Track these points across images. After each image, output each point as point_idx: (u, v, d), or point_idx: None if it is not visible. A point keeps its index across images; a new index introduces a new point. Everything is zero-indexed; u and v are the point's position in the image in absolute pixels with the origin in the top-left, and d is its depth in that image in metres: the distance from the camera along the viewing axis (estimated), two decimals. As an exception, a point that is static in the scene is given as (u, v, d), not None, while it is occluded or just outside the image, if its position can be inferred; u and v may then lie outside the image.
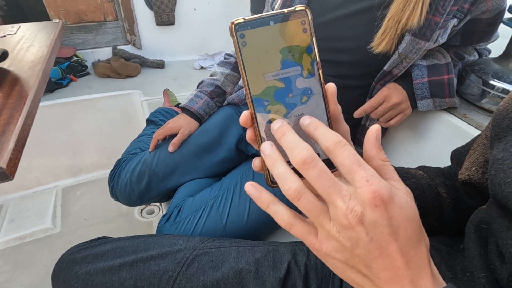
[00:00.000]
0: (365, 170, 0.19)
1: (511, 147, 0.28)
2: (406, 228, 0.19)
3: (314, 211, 0.20)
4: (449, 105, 0.61)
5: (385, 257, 0.19)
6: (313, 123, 0.21)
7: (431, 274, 0.20)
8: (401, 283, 0.19)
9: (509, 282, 0.26)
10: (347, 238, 0.19)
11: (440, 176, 0.43)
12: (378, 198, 0.18)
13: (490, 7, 0.54)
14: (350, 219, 0.18)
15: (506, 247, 0.27)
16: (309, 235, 0.21)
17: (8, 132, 0.36)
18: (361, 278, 0.20)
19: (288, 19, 0.21)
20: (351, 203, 0.19)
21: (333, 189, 0.19)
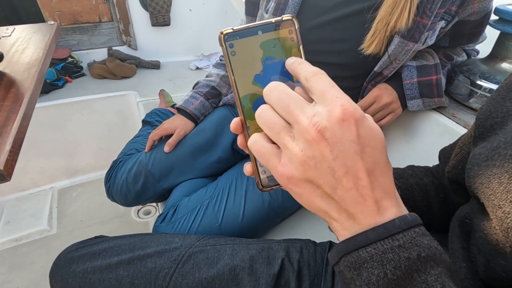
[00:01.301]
0: (337, 90, 0.18)
1: (489, 144, 0.29)
2: (373, 147, 0.18)
3: (274, 127, 0.19)
4: (438, 104, 0.62)
5: (350, 176, 0.18)
6: (297, 60, 0.21)
7: (395, 198, 0.19)
8: (365, 203, 0.18)
9: (484, 272, 0.27)
10: (310, 157, 0.18)
11: (428, 175, 0.44)
12: (346, 112, 0.17)
13: (477, 9, 0.56)
14: (312, 133, 0.17)
15: (479, 239, 0.28)
16: (271, 156, 0.20)
17: (5, 134, 0.37)
18: (327, 202, 0.19)
19: (275, 29, 0.22)
20: (314, 118, 0.18)
21: (294, 106, 0.18)
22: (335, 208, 0.19)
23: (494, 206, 0.24)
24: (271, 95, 0.20)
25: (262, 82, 0.22)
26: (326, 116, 0.17)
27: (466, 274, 0.29)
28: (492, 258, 0.26)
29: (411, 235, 0.18)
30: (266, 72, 0.22)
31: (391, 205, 0.19)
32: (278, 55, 0.22)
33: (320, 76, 0.19)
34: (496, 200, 0.24)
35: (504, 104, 0.31)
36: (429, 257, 0.18)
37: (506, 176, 0.24)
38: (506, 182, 0.24)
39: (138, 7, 1.57)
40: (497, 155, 0.25)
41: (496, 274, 0.25)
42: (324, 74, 0.20)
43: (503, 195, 0.23)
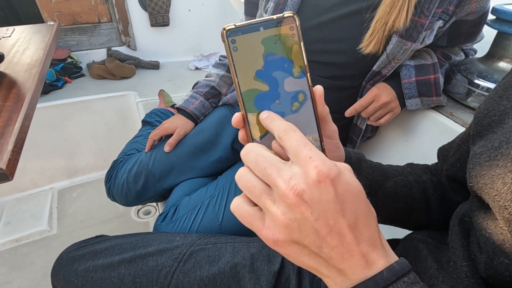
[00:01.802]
0: (310, 149, 0.19)
1: (489, 143, 0.29)
2: (352, 203, 0.19)
3: (254, 191, 0.19)
4: (436, 103, 0.63)
5: (334, 234, 0.18)
6: (270, 116, 0.22)
7: (381, 248, 0.20)
8: (353, 259, 0.19)
9: (486, 270, 0.27)
10: (293, 219, 0.18)
11: (427, 173, 0.44)
12: (321, 173, 0.18)
13: (474, 9, 0.57)
14: (291, 197, 0.18)
15: (481, 237, 0.28)
16: (255, 220, 0.20)
17: (7, 134, 0.37)
18: (315, 261, 0.19)
19: (276, 25, 0.22)
20: (291, 182, 0.18)
21: (271, 170, 0.19)
22: (324, 265, 0.19)
23: (500, 207, 0.24)
24: (248, 158, 0.20)
25: (263, 77, 0.23)
26: (303, 178, 0.18)
27: (467, 272, 0.29)
28: (496, 257, 0.26)
29: (400, 286, 0.18)
30: (268, 67, 0.23)
31: (378, 257, 0.19)
32: (279, 51, 0.23)
33: (292, 134, 0.20)
34: (502, 201, 0.24)
35: (501, 102, 0.31)
36: None
37: (510, 176, 0.24)
38: (510, 182, 0.24)
39: (137, 7, 1.57)
40: (500, 155, 0.26)
41: (499, 272, 0.26)
42: (296, 131, 0.20)
43: (508, 195, 0.24)
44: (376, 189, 0.40)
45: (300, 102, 0.24)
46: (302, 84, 0.23)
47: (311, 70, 0.24)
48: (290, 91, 0.23)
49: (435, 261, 0.34)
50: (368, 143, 0.82)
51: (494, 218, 0.27)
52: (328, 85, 0.62)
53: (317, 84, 0.24)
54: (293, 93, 0.23)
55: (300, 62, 0.23)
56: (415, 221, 0.43)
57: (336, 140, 0.31)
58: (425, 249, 0.36)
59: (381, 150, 0.78)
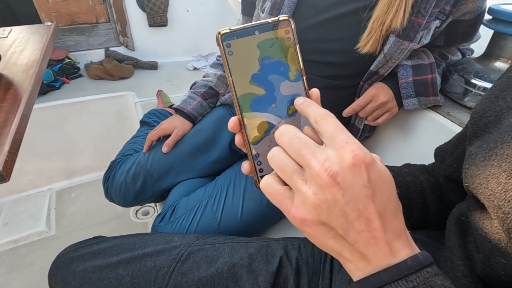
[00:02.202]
0: (346, 135, 0.19)
1: (485, 143, 0.29)
2: (383, 191, 0.19)
3: (286, 170, 0.20)
4: (433, 103, 0.63)
5: (363, 219, 0.18)
6: (306, 101, 0.22)
7: (407, 238, 0.20)
8: (378, 245, 0.19)
9: (482, 270, 0.27)
10: (323, 200, 0.18)
11: (424, 173, 0.44)
12: (357, 158, 0.18)
13: (470, 9, 0.57)
14: (325, 178, 0.18)
15: (478, 237, 0.28)
16: (284, 198, 0.20)
17: (3, 135, 0.37)
18: (339, 244, 0.20)
19: (272, 29, 0.22)
20: (326, 163, 0.18)
21: (306, 151, 0.19)
22: (348, 249, 0.20)
23: (494, 206, 0.24)
24: (282, 139, 0.20)
25: (259, 81, 0.23)
26: (337, 161, 0.18)
27: (464, 271, 0.29)
28: (493, 256, 0.26)
29: (424, 275, 0.18)
30: (263, 71, 0.23)
31: (403, 246, 0.19)
32: (275, 55, 0.23)
33: (329, 119, 0.20)
34: (496, 200, 0.24)
35: (497, 103, 0.31)
36: None
37: (504, 175, 0.24)
38: (504, 182, 0.24)
39: (135, 7, 1.57)
40: (494, 155, 0.26)
41: (495, 271, 0.26)
42: (332, 117, 0.20)
43: (502, 195, 0.24)
44: None
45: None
46: (298, 87, 0.23)
47: (308, 70, 0.24)
48: (286, 95, 0.23)
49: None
50: (365, 143, 0.83)
51: (490, 218, 0.27)
52: (326, 84, 0.62)
53: (314, 83, 0.25)
54: (289, 96, 0.23)
55: (296, 65, 0.23)
56: (413, 221, 0.43)
57: None
58: (423, 249, 0.36)
59: (378, 150, 0.79)
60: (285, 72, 0.23)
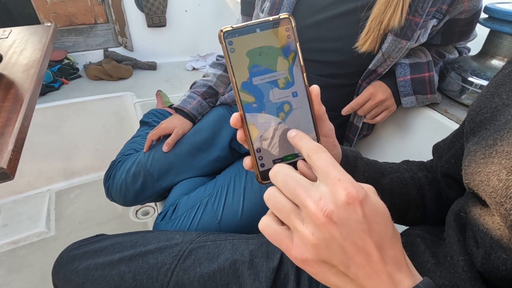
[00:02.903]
0: (338, 171, 0.19)
1: (483, 140, 0.30)
2: (379, 224, 0.19)
3: (283, 210, 0.20)
4: (431, 101, 0.64)
5: (362, 254, 0.19)
6: (299, 135, 0.23)
7: (406, 268, 0.20)
8: (379, 278, 0.19)
9: (483, 265, 0.28)
10: (321, 239, 0.19)
11: (422, 169, 0.45)
12: (350, 195, 0.18)
13: (467, 8, 0.58)
14: (321, 218, 0.18)
15: (478, 233, 0.29)
16: (283, 238, 0.21)
17: (7, 134, 0.37)
18: (342, 280, 0.20)
19: (273, 27, 0.23)
20: (321, 202, 0.19)
21: (301, 190, 0.19)
22: (351, 284, 0.20)
23: (496, 203, 0.25)
24: (277, 178, 0.21)
25: (262, 78, 0.23)
26: (332, 199, 0.19)
27: (464, 266, 0.29)
28: (494, 252, 0.26)
29: None
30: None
31: (404, 277, 0.19)
32: (265, 62, 0.23)
33: (321, 154, 0.20)
34: (498, 197, 0.25)
35: (493, 100, 0.32)
36: None
37: (504, 172, 0.25)
38: (505, 179, 0.24)
39: (134, 8, 1.57)
40: (495, 152, 0.26)
41: (496, 266, 0.26)
42: (324, 152, 0.21)
43: (503, 191, 0.24)
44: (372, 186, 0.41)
45: (298, 99, 0.24)
46: (297, 84, 0.24)
47: (307, 69, 0.24)
48: (285, 88, 0.24)
49: (432, 256, 0.34)
50: (364, 140, 0.83)
51: (491, 214, 0.28)
52: (325, 83, 0.63)
53: (313, 82, 0.25)
54: (289, 90, 0.24)
55: (286, 69, 0.24)
56: (411, 217, 0.43)
57: (333, 139, 0.31)
58: (422, 244, 0.36)
59: (377, 148, 0.79)
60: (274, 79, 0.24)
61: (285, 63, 0.24)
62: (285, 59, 0.24)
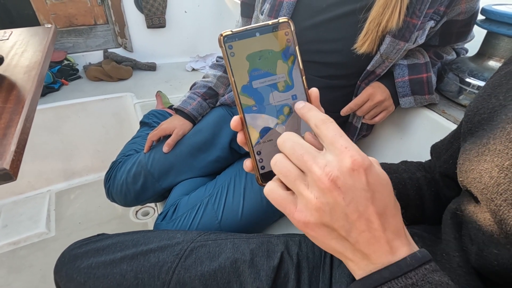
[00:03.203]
0: (346, 140, 0.20)
1: (478, 140, 0.30)
2: (382, 192, 0.20)
3: (289, 175, 0.21)
4: (429, 101, 0.64)
5: (363, 220, 0.19)
6: (307, 106, 0.23)
7: (405, 237, 0.21)
8: (378, 244, 0.20)
9: (476, 260, 0.29)
10: (325, 203, 0.19)
11: (421, 169, 0.45)
12: (356, 162, 0.19)
13: (464, 9, 0.58)
14: (326, 182, 0.19)
15: (472, 229, 0.30)
16: (288, 203, 0.21)
17: (9, 135, 0.38)
18: (341, 244, 0.21)
19: (272, 31, 0.23)
20: (326, 168, 0.19)
21: (307, 156, 0.20)
22: (349, 249, 0.20)
23: (487, 200, 0.26)
24: (285, 145, 0.21)
25: (262, 82, 0.24)
26: (337, 165, 0.19)
27: (459, 262, 0.30)
28: (486, 247, 0.27)
29: (422, 272, 0.19)
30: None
31: (402, 244, 0.20)
32: (265, 66, 0.24)
33: (329, 124, 0.21)
34: (489, 194, 0.25)
35: (490, 100, 0.32)
36: None
37: (496, 170, 0.25)
38: (496, 176, 0.25)
39: (133, 9, 1.58)
40: (487, 150, 0.27)
41: (488, 262, 0.27)
42: (332, 122, 0.21)
43: (494, 188, 0.25)
44: None
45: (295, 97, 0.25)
46: (296, 86, 0.24)
47: (307, 70, 0.25)
48: (285, 91, 0.24)
49: (430, 254, 0.35)
50: (363, 141, 0.84)
51: (483, 211, 0.28)
52: (324, 84, 0.63)
53: (313, 83, 0.25)
54: (288, 92, 0.24)
55: (286, 72, 0.24)
56: (410, 216, 0.44)
57: None
58: (420, 243, 0.37)
59: (376, 148, 0.80)
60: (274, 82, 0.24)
61: (284, 66, 0.24)
62: (285, 63, 0.24)
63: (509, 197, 0.24)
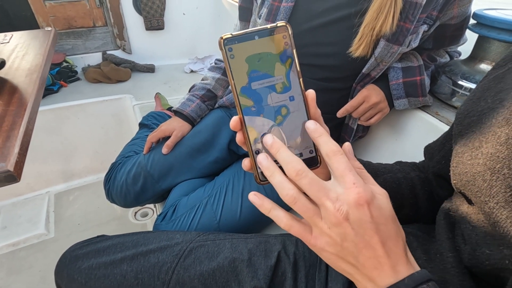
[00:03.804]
0: (354, 175, 0.23)
1: (470, 142, 0.31)
2: (385, 224, 0.22)
3: (308, 212, 0.24)
4: (423, 103, 0.66)
5: (369, 248, 0.22)
6: (318, 130, 0.24)
7: (407, 261, 0.23)
8: (383, 269, 0.22)
9: (469, 260, 0.30)
10: (336, 233, 0.23)
11: (415, 170, 0.46)
12: (362, 198, 0.22)
13: (456, 14, 0.60)
14: (338, 217, 0.22)
15: (466, 230, 0.31)
16: (305, 233, 0.25)
17: (13, 138, 0.39)
18: (350, 267, 0.24)
19: (270, 34, 0.24)
20: (337, 204, 0.22)
21: (322, 193, 0.23)
22: (357, 272, 0.24)
23: (481, 202, 0.27)
24: (302, 182, 0.23)
25: (261, 83, 0.25)
26: (346, 201, 0.22)
27: (452, 263, 0.31)
28: (479, 248, 0.28)
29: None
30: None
31: (403, 269, 0.23)
32: (263, 68, 0.25)
33: (340, 157, 0.23)
34: (483, 196, 0.26)
35: (479, 104, 0.33)
36: None
37: (488, 173, 0.26)
38: (489, 179, 0.26)
39: (132, 11, 1.59)
40: (480, 154, 0.28)
41: (480, 261, 0.28)
42: (342, 154, 0.23)
43: (488, 191, 0.26)
44: None
45: (295, 103, 0.26)
46: (293, 88, 0.25)
47: (304, 73, 0.25)
48: (283, 92, 0.25)
49: (424, 253, 0.36)
50: (360, 142, 0.85)
51: (476, 212, 0.30)
52: (321, 87, 0.65)
53: (309, 86, 0.26)
54: (286, 94, 0.25)
55: (284, 74, 0.25)
56: (404, 215, 0.45)
57: None
58: (415, 242, 0.38)
59: (372, 149, 0.81)
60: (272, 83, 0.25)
61: (282, 68, 0.25)
62: (282, 65, 0.25)
63: (501, 199, 0.25)
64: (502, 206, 0.25)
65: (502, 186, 0.25)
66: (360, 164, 0.27)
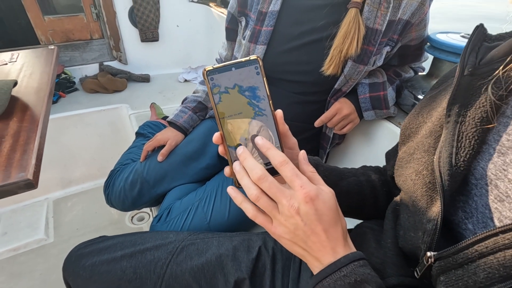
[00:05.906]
0: (300, 179, 0.29)
1: (407, 149, 0.39)
2: (327, 215, 0.29)
3: (268, 207, 0.30)
4: (387, 115, 0.74)
5: (315, 235, 0.29)
6: (265, 145, 0.30)
7: (344, 244, 0.30)
8: (325, 250, 0.29)
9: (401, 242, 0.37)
10: (290, 224, 0.29)
11: (376, 172, 0.53)
12: (308, 197, 0.28)
13: (415, 36, 0.69)
14: (291, 211, 0.28)
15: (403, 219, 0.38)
16: (267, 223, 0.31)
17: (29, 151, 0.45)
18: (302, 250, 0.30)
19: (245, 66, 0.30)
20: (290, 201, 0.28)
21: (279, 194, 0.29)
22: (307, 254, 0.30)
23: (409, 197, 0.34)
24: (263, 185, 0.29)
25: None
26: (297, 199, 0.28)
27: (390, 246, 0.38)
28: (407, 232, 0.36)
29: (351, 267, 0.28)
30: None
31: (342, 250, 0.30)
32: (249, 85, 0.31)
33: (286, 166, 0.29)
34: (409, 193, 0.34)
35: (418, 118, 0.41)
36: (363, 280, 0.28)
37: (414, 173, 0.34)
38: (414, 179, 0.34)
39: (128, 24, 1.64)
40: (412, 159, 0.36)
41: (408, 243, 0.35)
42: (288, 163, 0.29)
43: (411, 188, 0.34)
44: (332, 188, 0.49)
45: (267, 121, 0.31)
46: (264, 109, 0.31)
47: (284, 87, 0.31)
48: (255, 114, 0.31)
49: (375, 242, 0.43)
50: (338, 148, 0.93)
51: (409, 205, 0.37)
52: (299, 99, 0.72)
53: (289, 99, 0.32)
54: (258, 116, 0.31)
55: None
56: (367, 213, 0.51)
57: (296, 150, 0.38)
58: (369, 234, 0.45)
59: (349, 154, 0.89)
60: (257, 96, 0.31)
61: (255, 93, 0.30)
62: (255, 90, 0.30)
63: (419, 194, 0.33)
64: (419, 199, 0.33)
65: (422, 184, 0.33)
66: (313, 168, 0.34)
